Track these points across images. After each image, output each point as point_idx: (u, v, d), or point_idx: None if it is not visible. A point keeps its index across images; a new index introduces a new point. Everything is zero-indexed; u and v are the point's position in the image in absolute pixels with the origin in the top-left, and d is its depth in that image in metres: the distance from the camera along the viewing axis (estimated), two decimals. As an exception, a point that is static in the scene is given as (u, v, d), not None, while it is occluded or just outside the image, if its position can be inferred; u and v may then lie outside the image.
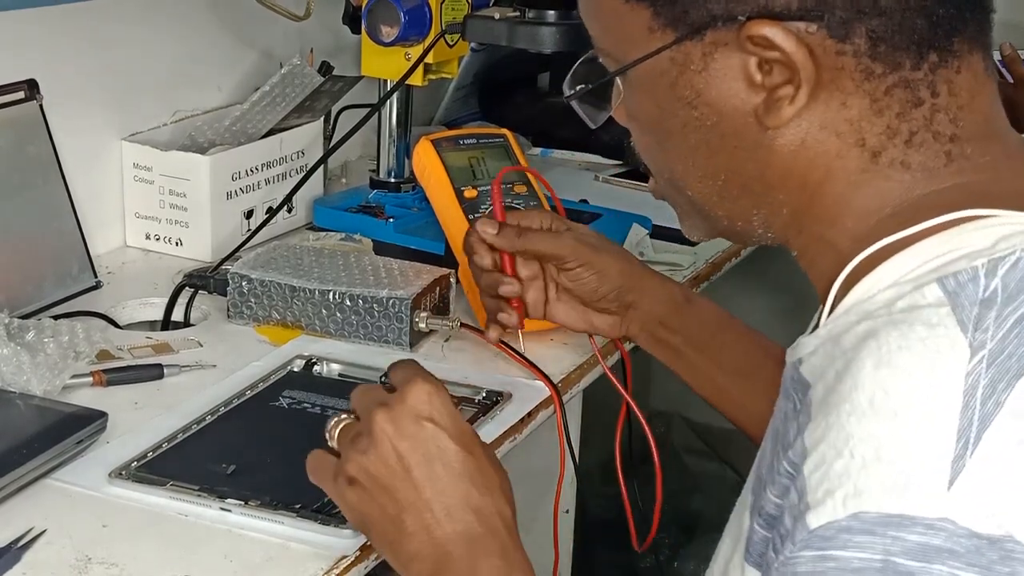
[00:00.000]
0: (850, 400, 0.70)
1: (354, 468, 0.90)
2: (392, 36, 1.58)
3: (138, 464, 1.09)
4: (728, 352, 1.22)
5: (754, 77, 0.79)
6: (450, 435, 0.90)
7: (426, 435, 0.89)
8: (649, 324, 1.23)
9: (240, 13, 1.76)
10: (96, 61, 1.58)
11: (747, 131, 0.81)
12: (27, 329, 1.23)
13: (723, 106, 0.81)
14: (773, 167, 0.81)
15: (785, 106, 0.78)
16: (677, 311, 1.22)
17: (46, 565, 0.97)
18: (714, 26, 0.79)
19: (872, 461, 0.68)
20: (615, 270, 1.22)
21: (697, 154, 0.84)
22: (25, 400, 1.17)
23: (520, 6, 1.52)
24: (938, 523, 0.66)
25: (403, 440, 0.89)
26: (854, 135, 0.79)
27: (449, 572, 0.87)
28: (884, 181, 0.79)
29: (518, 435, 1.22)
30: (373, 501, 0.89)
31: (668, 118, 0.84)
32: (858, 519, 0.67)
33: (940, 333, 0.69)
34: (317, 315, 1.37)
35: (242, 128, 1.68)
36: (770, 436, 0.83)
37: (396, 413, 0.90)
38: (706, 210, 0.87)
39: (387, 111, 1.70)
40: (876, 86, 0.78)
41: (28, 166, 1.45)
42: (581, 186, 1.94)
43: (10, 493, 1.04)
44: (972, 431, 0.67)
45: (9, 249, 1.41)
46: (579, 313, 1.25)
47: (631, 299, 1.22)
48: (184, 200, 1.59)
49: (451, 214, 1.45)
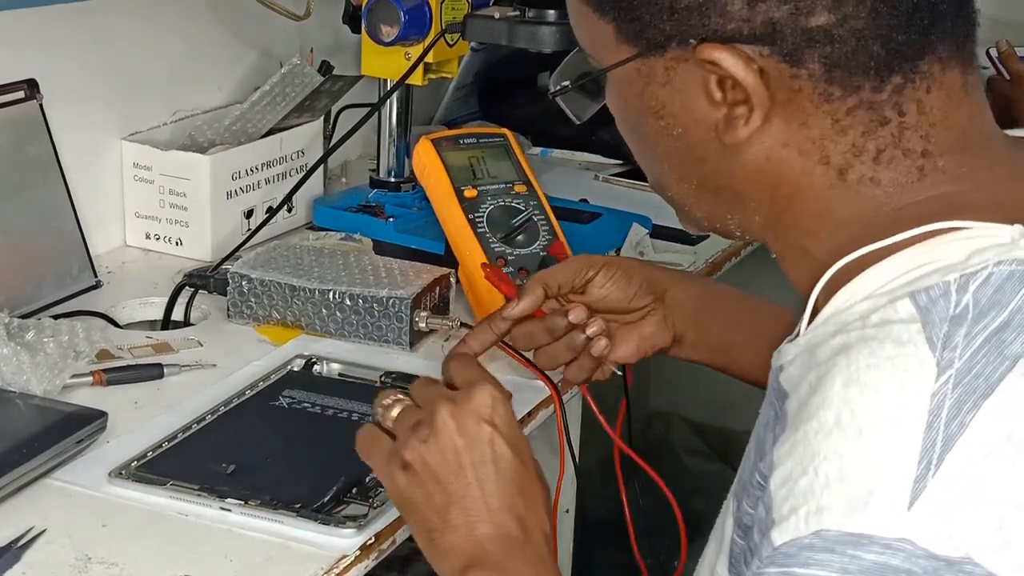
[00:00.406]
0: (817, 417, 0.70)
1: (411, 454, 0.91)
2: (392, 35, 1.58)
3: (138, 464, 1.09)
4: (767, 324, 1.17)
5: (714, 94, 0.80)
6: (508, 442, 0.92)
7: (485, 437, 0.92)
8: (690, 309, 1.18)
9: (240, 13, 1.76)
10: (96, 60, 1.58)
11: (710, 144, 0.81)
12: (27, 329, 1.23)
13: (687, 119, 0.82)
14: (740, 179, 0.82)
15: (740, 126, 0.79)
16: (707, 291, 1.21)
17: (46, 565, 0.97)
18: (670, 45, 0.80)
19: (835, 479, 0.68)
20: (634, 264, 1.20)
21: (669, 159, 0.85)
22: (25, 400, 1.17)
23: (520, 5, 1.52)
24: (896, 543, 0.66)
25: (463, 437, 0.91)
26: (817, 153, 0.79)
27: (481, 568, 0.89)
28: (854, 196, 0.79)
29: (518, 435, 1.22)
30: (422, 488, 0.91)
31: (640, 123, 0.85)
32: (820, 537, 0.68)
33: (909, 352, 0.69)
34: (317, 315, 1.37)
35: (242, 128, 1.68)
36: (753, 442, 0.83)
37: (460, 410, 0.92)
38: (687, 208, 0.88)
39: (387, 111, 1.70)
40: (836, 107, 0.78)
41: (28, 166, 1.45)
42: (581, 186, 1.94)
43: (10, 493, 1.04)
44: (935, 452, 0.67)
45: (9, 249, 1.41)
46: (626, 339, 1.18)
47: (662, 285, 1.19)
48: (184, 200, 1.59)
49: (451, 213, 1.45)
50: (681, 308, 1.19)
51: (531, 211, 1.47)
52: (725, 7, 0.77)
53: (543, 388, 1.27)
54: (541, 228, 1.47)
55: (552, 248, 1.44)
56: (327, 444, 1.15)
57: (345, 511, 1.04)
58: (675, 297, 1.19)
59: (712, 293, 1.22)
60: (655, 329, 1.19)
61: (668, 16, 0.79)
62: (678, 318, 1.19)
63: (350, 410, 1.21)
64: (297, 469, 1.11)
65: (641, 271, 1.19)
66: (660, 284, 1.19)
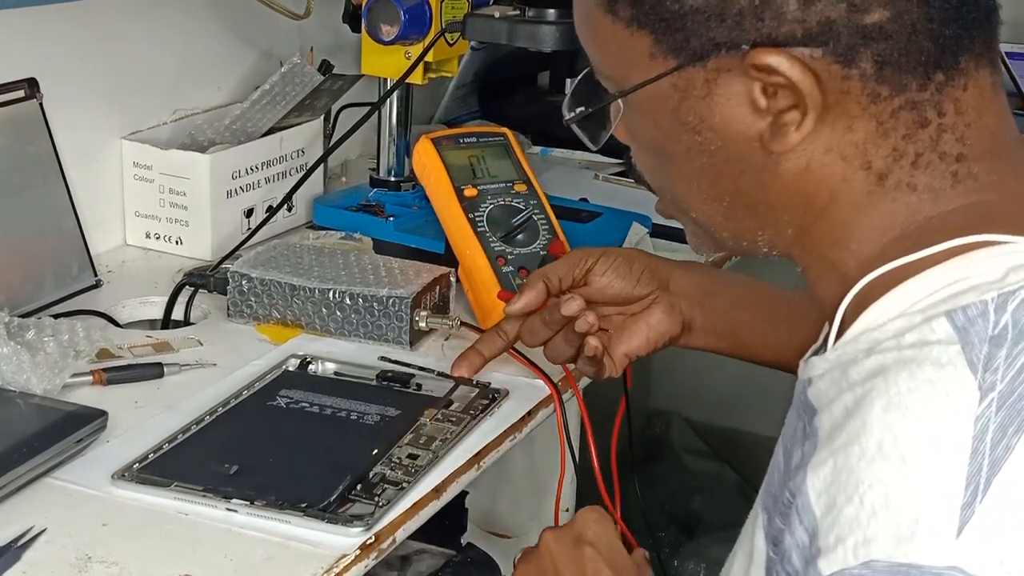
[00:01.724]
0: (859, 443, 0.69)
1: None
2: (392, 35, 1.58)
3: (140, 465, 1.09)
4: (774, 305, 1.19)
5: (758, 102, 0.78)
6: (605, 560, 0.96)
7: (583, 556, 0.96)
8: (695, 295, 1.17)
9: (240, 12, 1.76)
10: (96, 60, 1.58)
11: (752, 156, 0.80)
12: (27, 328, 1.23)
13: (727, 132, 0.80)
14: (777, 190, 0.81)
15: (791, 132, 0.78)
16: (710, 275, 1.20)
17: (46, 564, 0.97)
18: (717, 54, 0.78)
19: (881, 508, 0.68)
20: (634, 253, 1.19)
21: (701, 178, 0.83)
22: (25, 399, 1.17)
23: (520, 4, 1.52)
24: (946, 571, 0.66)
25: (561, 556, 0.97)
26: (860, 158, 0.78)
27: None
28: (890, 203, 0.79)
29: (518, 434, 1.22)
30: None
31: (671, 142, 0.83)
32: (869, 568, 0.67)
33: (949, 374, 0.69)
34: (317, 314, 1.37)
35: (242, 127, 1.68)
36: (780, 454, 0.83)
37: (562, 534, 0.98)
38: (711, 230, 0.87)
39: (387, 110, 1.70)
40: (882, 108, 0.77)
41: (28, 165, 1.45)
42: (581, 185, 1.94)
43: (10, 492, 1.04)
44: (982, 477, 0.66)
45: (9, 248, 1.41)
46: (634, 331, 1.17)
47: (664, 272, 1.18)
48: (184, 199, 1.59)
49: (451, 213, 1.45)
50: (686, 294, 1.18)
51: (531, 210, 1.47)
52: (779, 9, 0.76)
53: (543, 387, 1.27)
54: (541, 227, 1.47)
55: (552, 247, 1.44)
56: (327, 443, 1.15)
57: (351, 510, 1.04)
58: (679, 283, 1.18)
59: (715, 277, 1.21)
60: (663, 317, 1.17)
61: (718, 23, 0.77)
62: (684, 304, 1.17)
63: (348, 409, 1.21)
64: (299, 469, 1.11)
65: (642, 259, 1.18)
66: (662, 271, 1.18)
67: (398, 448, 1.14)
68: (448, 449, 1.15)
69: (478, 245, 1.42)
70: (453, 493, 1.13)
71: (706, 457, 2.55)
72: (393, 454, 1.13)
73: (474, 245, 1.43)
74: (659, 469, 2.47)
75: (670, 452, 2.52)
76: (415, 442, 1.15)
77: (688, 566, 2.19)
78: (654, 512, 2.26)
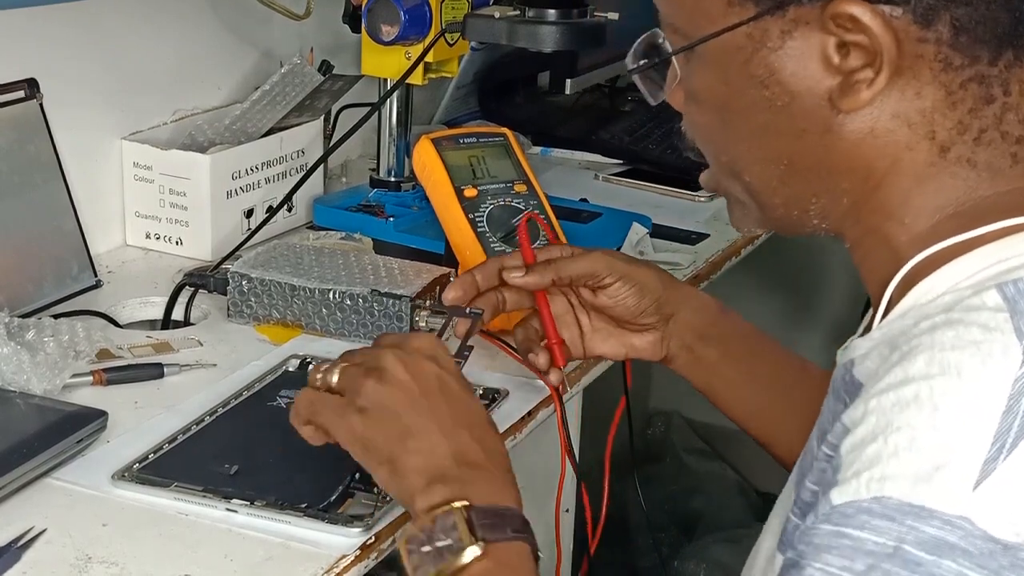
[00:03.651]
0: (896, 391, 0.70)
1: (365, 399, 0.94)
2: (392, 35, 1.58)
3: (140, 466, 1.09)
4: (764, 366, 1.18)
5: (832, 59, 0.78)
6: (451, 375, 0.96)
7: (433, 371, 0.95)
8: (688, 337, 1.18)
9: (240, 12, 1.76)
10: (96, 60, 1.58)
11: (818, 114, 0.80)
12: (27, 328, 1.23)
13: (796, 87, 0.80)
14: (840, 153, 0.80)
15: (863, 89, 0.78)
16: (715, 322, 1.19)
17: (46, 564, 0.97)
18: (798, 3, 0.78)
19: (904, 449, 0.68)
20: (654, 281, 1.18)
21: (762, 136, 0.83)
22: (25, 399, 1.17)
23: (520, 5, 1.52)
24: (956, 520, 0.66)
25: (412, 373, 0.94)
26: (926, 127, 0.78)
27: (444, 483, 0.90)
28: (949, 178, 0.79)
29: (518, 434, 1.22)
30: (380, 425, 0.93)
31: (736, 97, 0.83)
32: (880, 503, 0.68)
33: (995, 337, 0.70)
34: (317, 314, 1.37)
35: (242, 127, 1.68)
36: (815, 434, 0.83)
37: (407, 351, 0.96)
38: (763, 197, 0.86)
39: (387, 110, 1.70)
40: (952, 78, 0.77)
41: (28, 165, 1.45)
42: (581, 185, 1.94)
43: (10, 492, 1.04)
44: (1010, 436, 0.67)
45: (9, 249, 1.41)
46: (616, 338, 1.20)
47: (670, 310, 1.18)
48: (184, 199, 1.59)
49: (451, 213, 1.45)
50: (681, 335, 1.18)
51: (531, 210, 1.47)
52: None
53: (543, 388, 1.27)
54: (541, 228, 1.47)
55: (552, 248, 1.44)
56: (327, 444, 1.15)
57: (351, 510, 1.04)
58: (679, 322, 1.18)
59: (720, 323, 1.19)
60: (647, 345, 1.19)
61: None
62: (675, 343, 1.19)
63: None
64: (299, 469, 1.11)
65: (655, 290, 1.18)
66: (669, 307, 1.18)
67: (398, 448, 1.13)
68: (448, 449, 1.15)
69: (478, 245, 1.42)
70: (453, 493, 1.13)
71: (706, 457, 2.56)
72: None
73: (474, 245, 1.43)
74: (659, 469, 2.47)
75: (670, 452, 2.53)
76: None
77: (688, 566, 2.19)
78: (654, 512, 2.27)
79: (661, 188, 1.94)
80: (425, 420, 0.93)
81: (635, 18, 1.61)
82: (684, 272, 1.61)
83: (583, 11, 1.53)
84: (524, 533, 0.88)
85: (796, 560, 0.71)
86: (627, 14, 1.61)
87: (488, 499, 0.88)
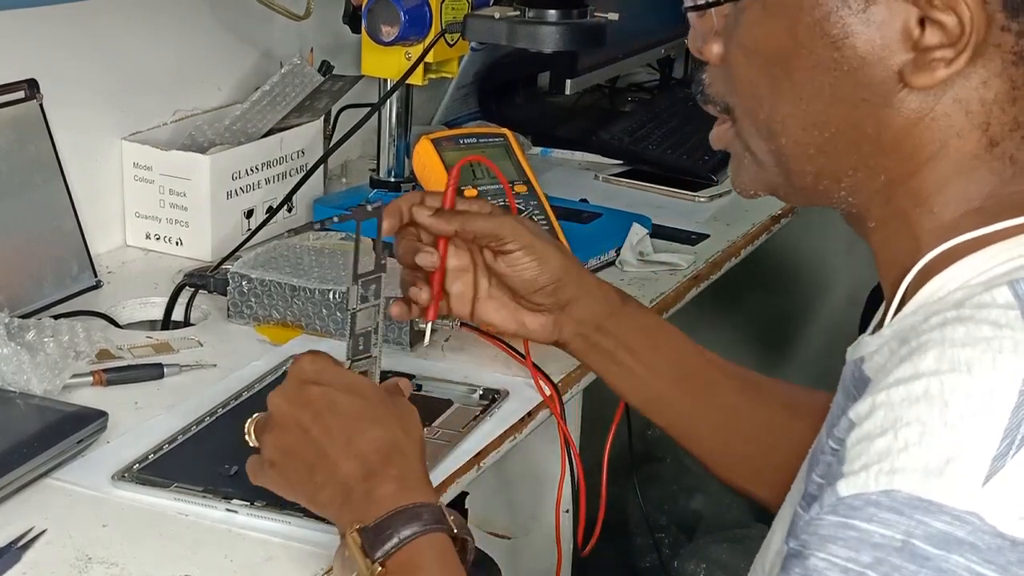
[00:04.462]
0: (906, 386, 0.70)
1: (268, 451, 0.97)
2: (392, 35, 1.58)
3: (140, 466, 1.09)
4: (664, 357, 1.16)
5: (912, 32, 0.77)
6: (336, 388, 0.96)
7: (314, 395, 0.95)
8: (585, 326, 1.15)
9: (240, 13, 1.76)
10: (96, 60, 1.58)
11: (883, 86, 0.79)
12: (27, 329, 1.23)
13: (869, 53, 0.78)
14: (893, 130, 0.80)
15: (940, 68, 0.77)
16: (614, 313, 1.16)
17: (46, 565, 0.97)
18: None
19: (914, 444, 0.68)
20: (556, 260, 1.14)
21: (817, 99, 0.81)
22: (25, 400, 1.17)
23: (520, 5, 1.52)
24: (965, 515, 0.66)
25: (295, 406, 0.95)
26: (983, 117, 0.78)
27: (350, 505, 0.91)
28: (987, 173, 0.79)
29: (518, 435, 1.22)
30: (288, 472, 0.95)
31: (800, 54, 0.81)
32: (889, 496, 0.68)
33: (1006, 334, 0.70)
34: (317, 314, 1.37)
35: (242, 128, 1.68)
36: (824, 428, 0.84)
37: (284, 387, 0.97)
38: (795, 163, 0.84)
39: (387, 110, 1.70)
40: (1020, 73, 0.77)
41: (28, 166, 1.45)
42: (581, 185, 1.94)
43: (10, 493, 1.04)
44: (1019, 433, 0.67)
45: (9, 249, 1.41)
46: (510, 312, 1.17)
47: (568, 296, 1.15)
48: (184, 200, 1.59)
49: (451, 214, 1.45)
50: (577, 323, 1.16)
51: (531, 211, 1.47)
52: None
53: (544, 388, 1.27)
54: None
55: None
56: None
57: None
58: (575, 311, 1.15)
59: (618, 315, 1.16)
60: (538, 326, 1.17)
61: None
62: (568, 331, 1.16)
63: None
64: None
65: (555, 271, 1.14)
66: (566, 293, 1.15)
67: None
68: (448, 450, 1.15)
69: (478, 245, 1.42)
70: (453, 493, 1.14)
71: (706, 457, 2.55)
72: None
73: (474, 246, 1.42)
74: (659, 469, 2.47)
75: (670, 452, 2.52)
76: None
77: (688, 566, 2.19)
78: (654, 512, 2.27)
79: (661, 188, 1.94)
80: (321, 449, 0.94)
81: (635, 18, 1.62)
82: (684, 273, 1.61)
83: (583, 11, 1.53)
84: (428, 526, 0.89)
85: (799, 550, 0.71)
86: (627, 14, 1.61)
87: (392, 504, 0.90)
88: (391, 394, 1.00)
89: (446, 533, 0.90)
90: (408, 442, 0.95)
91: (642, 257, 1.62)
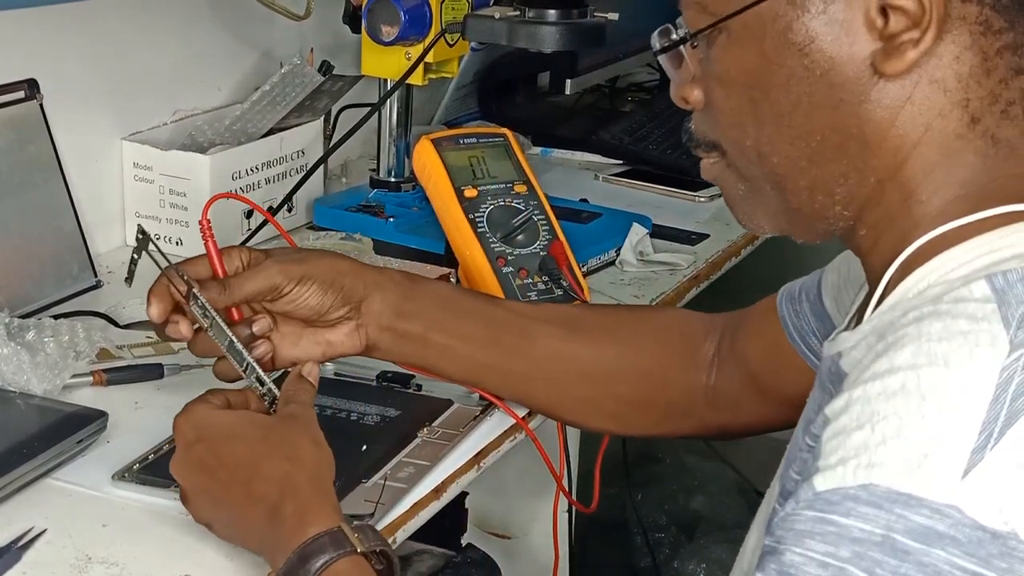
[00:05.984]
0: (882, 380, 0.70)
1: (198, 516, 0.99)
2: (392, 35, 1.58)
3: (140, 466, 1.09)
4: (471, 322, 1.15)
5: (875, 21, 0.78)
6: (220, 440, 0.98)
7: (200, 454, 0.98)
8: (386, 318, 1.14)
9: (240, 13, 1.76)
10: (96, 61, 1.58)
11: (857, 81, 0.80)
12: (27, 329, 1.23)
13: (837, 53, 0.79)
14: (875, 124, 0.80)
15: (909, 50, 0.78)
16: (408, 295, 1.15)
17: (46, 565, 0.97)
18: None
19: (892, 438, 0.68)
20: (331, 272, 1.11)
21: (796, 111, 0.82)
22: (25, 400, 1.17)
23: (520, 5, 1.53)
24: (945, 509, 0.66)
25: (191, 471, 0.99)
26: (961, 92, 0.79)
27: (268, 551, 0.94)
28: (971, 154, 0.79)
29: (518, 435, 1.22)
30: (220, 530, 0.99)
31: (772, 70, 0.82)
32: (867, 490, 0.68)
33: (983, 328, 0.70)
34: (317, 315, 1.36)
35: (242, 127, 1.68)
36: (801, 425, 0.84)
37: (176, 454, 1.00)
38: (788, 181, 0.85)
39: (387, 110, 1.70)
40: (991, 43, 0.78)
41: (28, 166, 1.45)
42: (581, 185, 1.94)
43: (10, 493, 1.04)
44: (997, 425, 0.67)
45: (9, 249, 1.41)
46: (310, 339, 1.12)
47: (358, 296, 1.12)
48: (184, 199, 1.59)
49: (451, 213, 1.45)
50: (377, 318, 1.14)
51: (531, 211, 1.47)
52: None
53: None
54: (541, 228, 1.47)
55: (552, 248, 1.44)
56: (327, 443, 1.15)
57: (350, 509, 1.04)
58: (371, 307, 1.13)
59: (418, 299, 1.15)
60: (343, 339, 1.14)
61: None
62: (371, 328, 1.14)
63: (348, 410, 1.21)
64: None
65: (337, 283, 1.12)
66: (357, 294, 1.13)
67: (398, 448, 1.14)
68: (448, 450, 1.15)
69: (478, 246, 1.43)
70: (453, 493, 1.14)
71: (706, 457, 2.55)
72: (393, 454, 1.13)
73: (474, 246, 1.43)
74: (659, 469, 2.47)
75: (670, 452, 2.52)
76: (415, 443, 1.15)
77: (688, 566, 2.19)
78: (654, 512, 2.27)
79: (661, 188, 1.94)
80: (229, 505, 0.96)
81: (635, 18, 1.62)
82: (684, 273, 1.61)
83: (583, 11, 1.53)
84: (331, 554, 0.89)
85: (774, 546, 0.70)
86: (627, 14, 1.61)
87: (296, 541, 0.90)
88: (287, 400, 1.01)
89: (352, 553, 0.89)
90: (296, 470, 0.95)
91: (642, 257, 1.62)
